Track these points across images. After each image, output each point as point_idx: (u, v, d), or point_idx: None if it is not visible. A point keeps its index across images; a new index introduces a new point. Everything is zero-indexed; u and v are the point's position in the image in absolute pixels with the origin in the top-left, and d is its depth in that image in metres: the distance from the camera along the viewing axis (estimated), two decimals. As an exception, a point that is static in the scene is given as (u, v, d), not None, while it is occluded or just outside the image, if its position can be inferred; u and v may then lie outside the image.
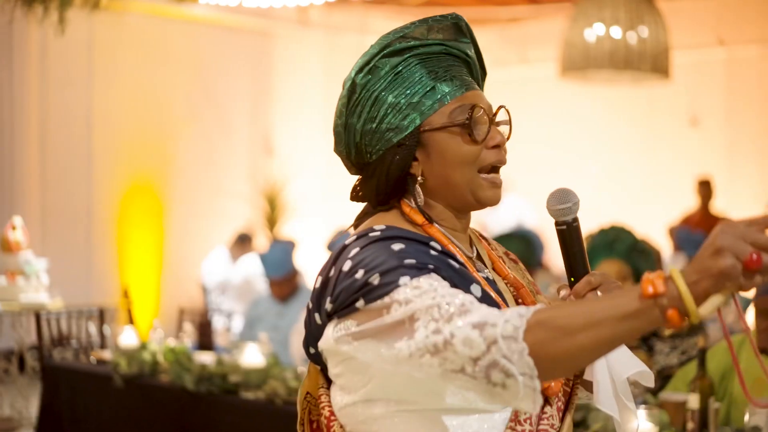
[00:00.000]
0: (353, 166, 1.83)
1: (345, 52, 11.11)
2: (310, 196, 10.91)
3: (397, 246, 1.64)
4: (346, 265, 1.65)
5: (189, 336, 6.11)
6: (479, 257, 1.84)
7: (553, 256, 9.36)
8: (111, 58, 9.45)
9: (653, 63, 7.38)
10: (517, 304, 1.80)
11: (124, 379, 5.31)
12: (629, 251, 3.75)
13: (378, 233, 1.70)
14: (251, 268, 8.76)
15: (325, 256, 6.10)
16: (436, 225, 1.77)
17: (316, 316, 1.69)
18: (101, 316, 6.51)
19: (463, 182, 1.75)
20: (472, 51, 1.86)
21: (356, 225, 1.84)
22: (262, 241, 10.18)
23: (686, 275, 1.37)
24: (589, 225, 5.36)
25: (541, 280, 7.04)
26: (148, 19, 9.66)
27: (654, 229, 9.38)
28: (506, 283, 1.83)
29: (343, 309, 1.62)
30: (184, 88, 10.10)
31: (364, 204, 1.86)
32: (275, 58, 10.97)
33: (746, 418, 3.21)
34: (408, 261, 1.60)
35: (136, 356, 5.33)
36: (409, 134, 1.74)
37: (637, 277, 3.75)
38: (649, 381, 1.78)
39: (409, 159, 1.75)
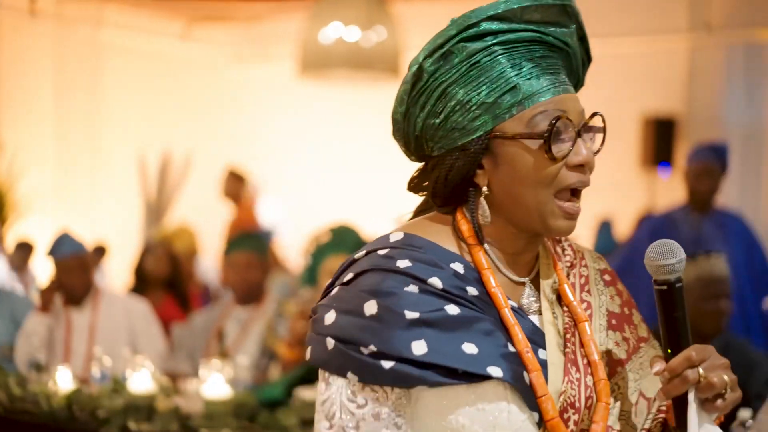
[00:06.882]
0: (412, 155, 1.62)
1: (77, 45, 10.75)
2: (40, 192, 10.47)
3: (373, 307, 1.44)
4: (335, 290, 1.52)
5: None
6: (536, 281, 1.59)
7: (291, 256, 9.38)
8: None
9: (388, 63, 7.54)
10: (565, 340, 1.55)
11: None
12: (355, 248, 3.84)
13: (386, 252, 1.51)
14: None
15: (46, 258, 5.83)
16: (486, 246, 1.54)
17: None
18: None
19: (534, 205, 1.49)
20: (575, 39, 1.56)
21: (413, 217, 1.66)
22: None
23: None
24: (326, 222, 5.40)
25: (278, 281, 7.03)
26: None
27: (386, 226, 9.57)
28: (565, 313, 1.57)
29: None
30: None
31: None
32: (2, 49, 10.45)
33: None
34: (372, 346, 1.43)
35: None
36: (477, 138, 1.49)
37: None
38: None
39: (472, 166, 1.51)
